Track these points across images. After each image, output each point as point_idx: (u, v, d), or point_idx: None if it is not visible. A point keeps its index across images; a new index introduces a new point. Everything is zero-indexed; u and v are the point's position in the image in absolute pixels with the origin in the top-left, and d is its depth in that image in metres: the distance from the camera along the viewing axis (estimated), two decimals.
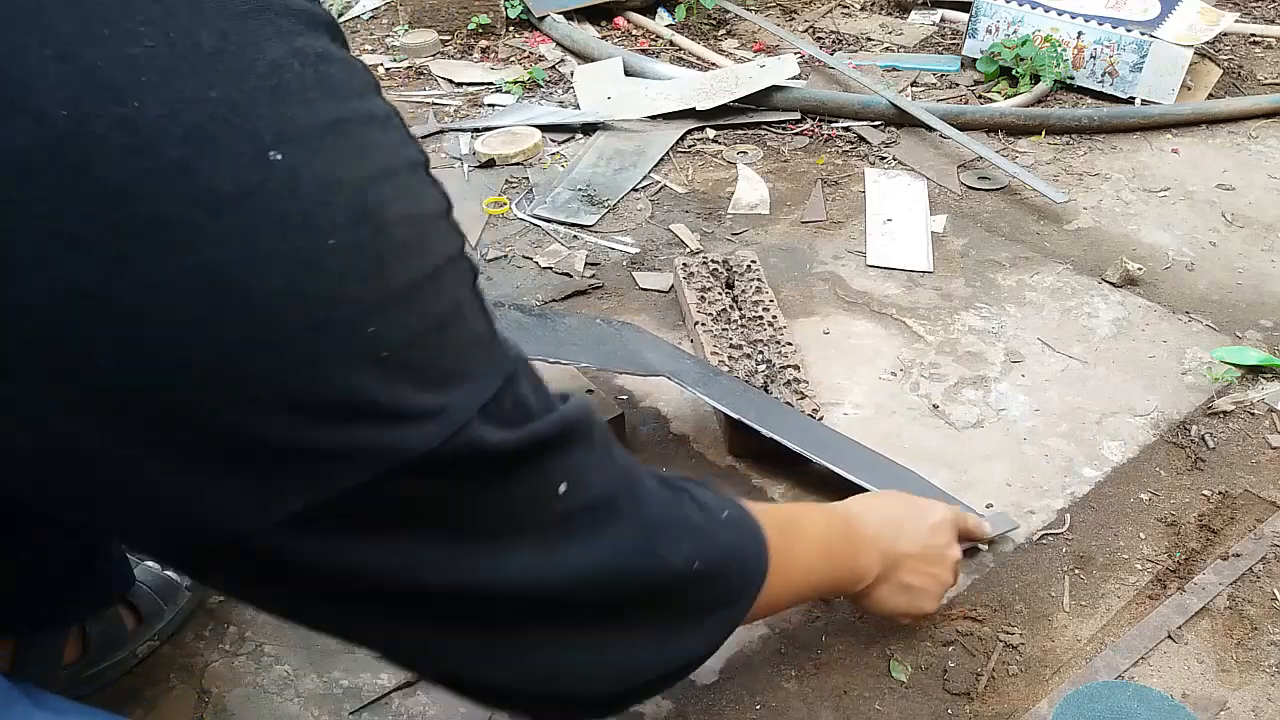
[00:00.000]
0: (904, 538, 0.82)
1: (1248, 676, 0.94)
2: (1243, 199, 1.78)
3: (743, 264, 1.47)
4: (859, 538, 0.78)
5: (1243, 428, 1.24)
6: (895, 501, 0.86)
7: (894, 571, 0.81)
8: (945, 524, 0.86)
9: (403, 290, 0.41)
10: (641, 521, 0.52)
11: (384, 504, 0.41)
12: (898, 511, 0.84)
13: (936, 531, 0.85)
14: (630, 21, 2.57)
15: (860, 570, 0.77)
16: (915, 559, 0.82)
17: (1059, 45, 2.14)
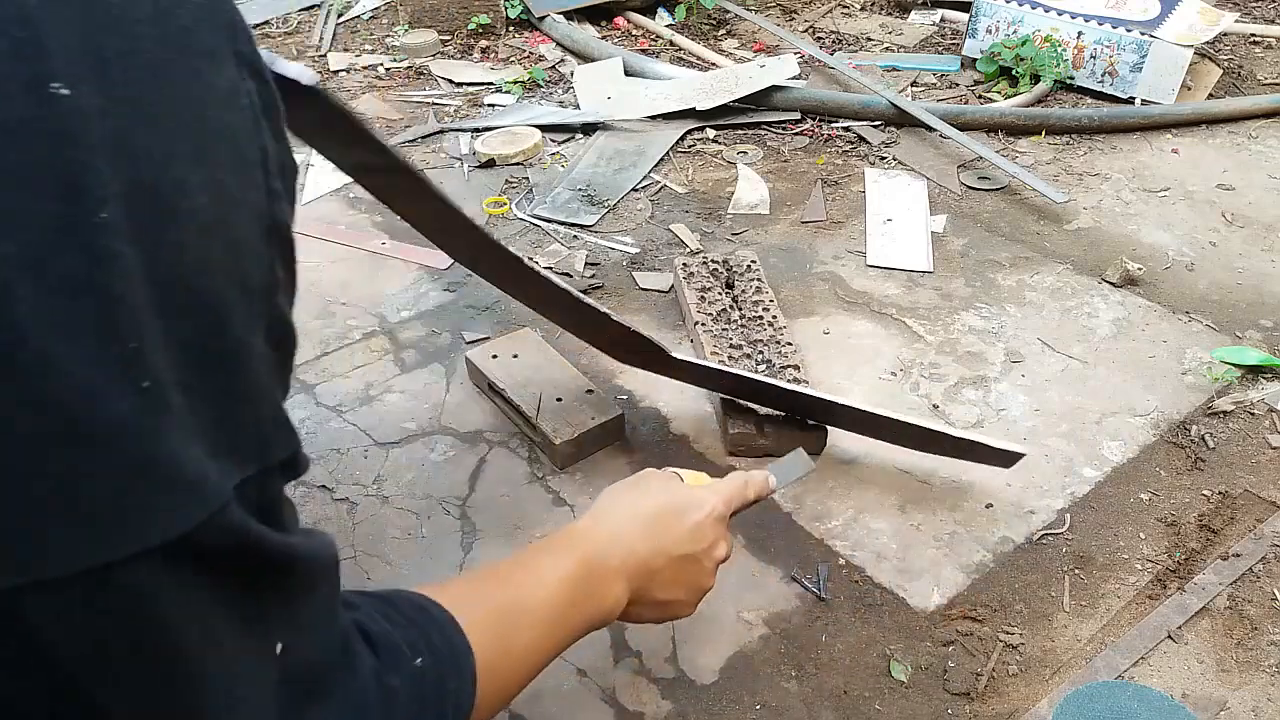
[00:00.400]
0: (657, 552, 0.72)
1: (1248, 676, 0.94)
2: (1243, 199, 1.78)
3: (743, 264, 1.47)
4: (602, 575, 0.68)
5: (1243, 428, 1.24)
6: (649, 506, 0.74)
7: (646, 590, 0.72)
8: (709, 521, 0.75)
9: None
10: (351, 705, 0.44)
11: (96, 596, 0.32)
12: (650, 521, 0.73)
13: (697, 534, 0.74)
14: (630, 21, 2.57)
15: (607, 608, 0.68)
16: (670, 572, 0.73)
17: (1059, 45, 2.14)
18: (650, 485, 0.77)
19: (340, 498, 1.14)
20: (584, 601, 0.66)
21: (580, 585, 0.66)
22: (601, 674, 0.94)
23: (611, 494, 0.76)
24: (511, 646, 0.58)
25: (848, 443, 1.21)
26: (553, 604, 0.63)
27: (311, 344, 1.40)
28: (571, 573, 0.66)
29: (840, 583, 1.03)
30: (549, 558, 0.66)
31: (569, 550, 0.68)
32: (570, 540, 0.69)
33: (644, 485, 0.77)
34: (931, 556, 1.06)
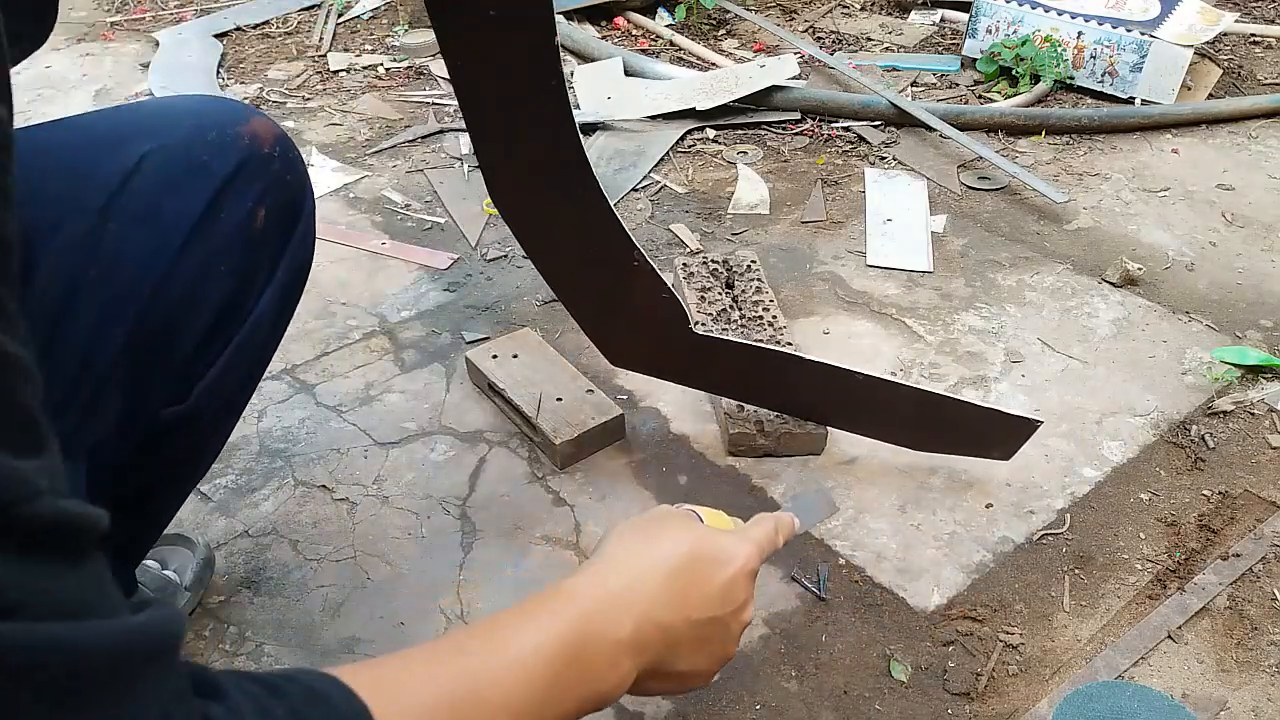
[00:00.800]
0: (679, 618, 0.58)
1: (1248, 676, 0.94)
2: (1243, 199, 1.78)
3: (742, 264, 1.47)
4: (603, 649, 0.54)
5: (1243, 428, 1.24)
6: (671, 559, 0.60)
7: (663, 662, 0.58)
8: (741, 577, 0.63)
9: None
10: None
11: None
12: (672, 578, 0.59)
13: (728, 594, 0.61)
14: (630, 21, 2.57)
15: (607, 689, 0.54)
16: (693, 640, 0.59)
17: (1059, 45, 2.14)
18: (670, 529, 0.62)
19: (340, 498, 1.14)
20: (574, 683, 0.52)
21: (571, 663, 0.52)
22: None
23: (621, 538, 0.61)
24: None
25: (848, 443, 1.21)
26: (528, 690, 0.49)
27: (311, 344, 1.40)
28: (560, 646, 0.51)
29: (840, 583, 1.03)
30: (531, 626, 0.52)
31: (560, 615, 0.53)
32: (564, 601, 0.54)
33: (662, 529, 0.62)
34: (931, 556, 1.06)
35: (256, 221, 0.70)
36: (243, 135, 0.69)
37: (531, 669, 0.49)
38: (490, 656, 0.49)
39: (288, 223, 0.73)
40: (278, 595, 1.02)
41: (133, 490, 0.76)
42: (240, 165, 0.69)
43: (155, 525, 0.86)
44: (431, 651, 0.48)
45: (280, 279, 0.74)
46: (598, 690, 0.53)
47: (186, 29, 2.47)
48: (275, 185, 0.71)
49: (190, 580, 0.99)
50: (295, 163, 0.74)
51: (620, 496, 1.13)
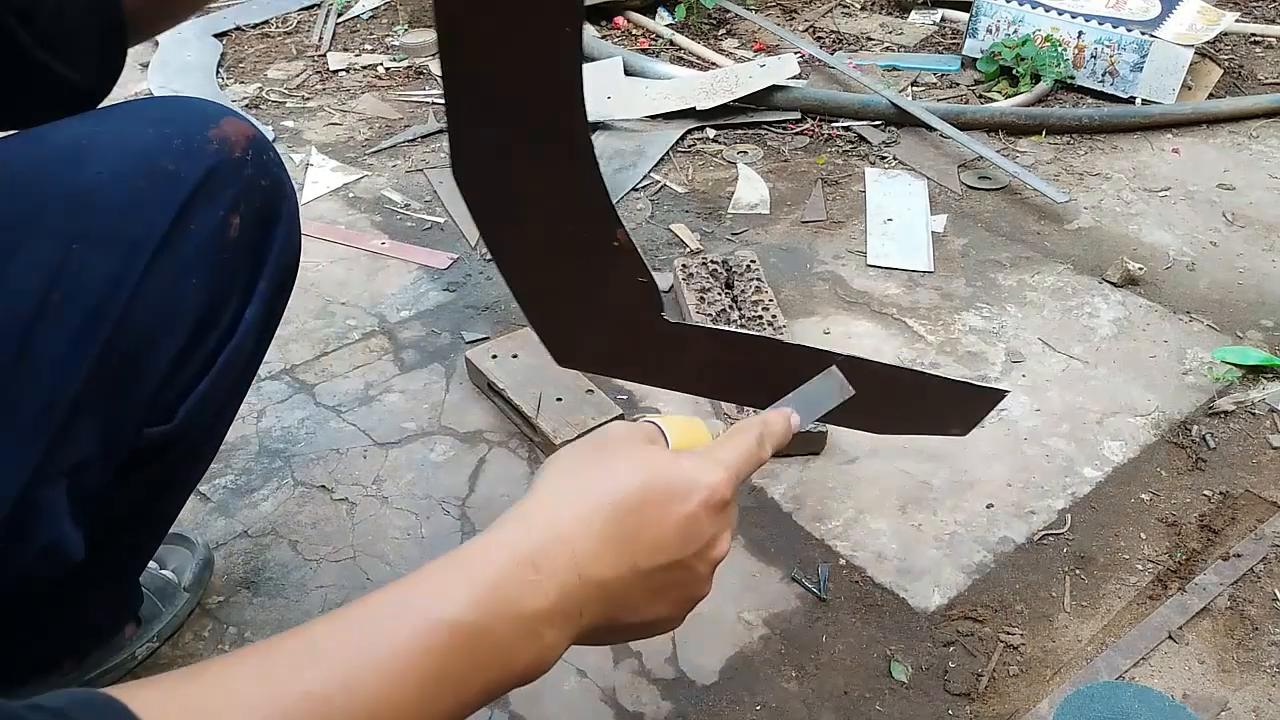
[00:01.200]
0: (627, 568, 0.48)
1: (1248, 677, 0.94)
2: (1243, 199, 1.78)
3: (742, 264, 1.47)
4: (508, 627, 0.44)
5: (1244, 428, 1.24)
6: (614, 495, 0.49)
7: (614, 617, 0.49)
8: (705, 512, 0.51)
9: None
10: None
11: None
12: (614, 521, 0.48)
13: (688, 532, 0.50)
14: (630, 21, 2.56)
15: (523, 668, 0.45)
16: (641, 593, 0.50)
17: (1059, 45, 2.14)
18: (616, 458, 0.51)
19: (340, 498, 1.14)
20: (472, 669, 0.42)
21: (465, 649, 0.42)
22: (601, 674, 0.93)
23: (556, 472, 0.51)
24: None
25: (849, 443, 1.21)
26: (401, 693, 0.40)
27: (311, 344, 1.40)
28: (447, 633, 0.42)
29: (841, 583, 1.03)
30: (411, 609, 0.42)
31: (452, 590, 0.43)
32: (461, 570, 0.45)
33: (607, 458, 0.51)
34: (932, 557, 1.06)
35: (230, 230, 0.67)
36: (211, 140, 0.66)
37: (406, 665, 0.40)
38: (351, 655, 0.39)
39: (266, 228, 0.70)
40: (277, 596, 1.02)
41: (126, 507, 0.75)
42: (209, 173, 0.65)
43: (153, 537, 0.86)
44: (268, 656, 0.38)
45: (264, 286, 0.71)
46: (510, 670, 0.45)
47: (186, 29, 2.47)
48: (248, 190, 0.68)
49: (189, 581, 0.99)
50: (270, 165, 0.70)
51: None
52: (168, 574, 0.99)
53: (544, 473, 0.52)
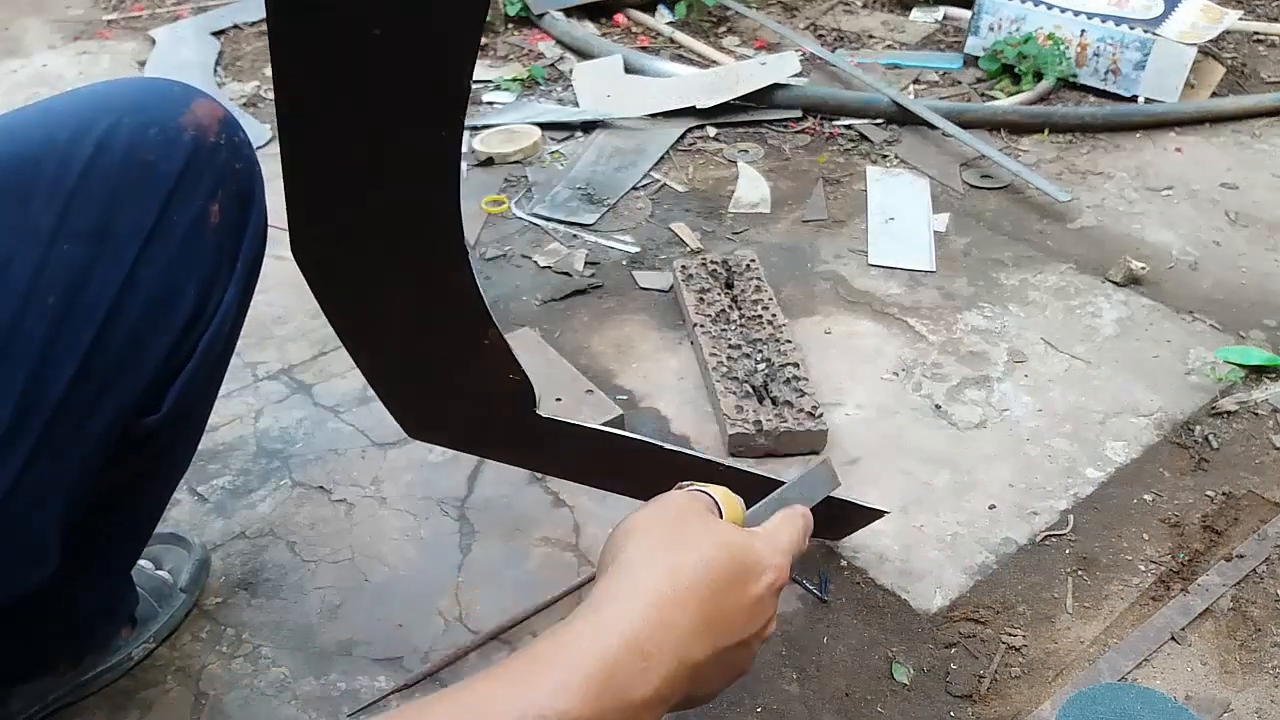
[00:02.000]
0: (709, 655, 0.49)
1: (1251, 678, 0.93)
2: (1247, 198, 1.77)
3: (742, 263, 1.46)
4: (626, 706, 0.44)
5: (1246, 428, 1.23)
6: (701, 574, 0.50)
7: (687, 696, 0.50)
8: (770, 594, 0.54)
9: None
10: None
11: None
12: (706, 602, 0.49)
13: (757, 613, 0.53)
14: (630, 18, 2.56)
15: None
16: (711, 671, 0.50)
17: (1062, 43, 2.13)
18: (694, 532, 0.52)
19: (338, 499, 1.13)
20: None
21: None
22: None
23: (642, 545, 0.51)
24: None
25: (850, 443, 1.21)
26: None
27: (309, 344, 1.39)
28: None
29: (842, 584, 1.03)
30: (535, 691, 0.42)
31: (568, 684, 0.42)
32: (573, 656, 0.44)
33: (685, 531, 0.52)
34: (934, 558, 1.06)
35: (211, 218, 0.67)
36: (185, 127, 0.65)
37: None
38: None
39: (242, 211, 0.70)
40: (275, 597, 1.01)
41: (112, 498, 0.75)
42: (188, 162, 0.65)
43: (141, 530, 0.85)
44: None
45: (240, 270, 0.71)
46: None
47: (183, 26, 2.46)
48: (226, 176, 0.67)
49: (185, 581, 0.98)
50: (241, 146, 0.69)
51: (620, 497, 1.12)
52: (163, 574, 0.98)
53: (626, 546, 0.51)
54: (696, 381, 1.31)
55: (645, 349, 1.38)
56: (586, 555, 1.06)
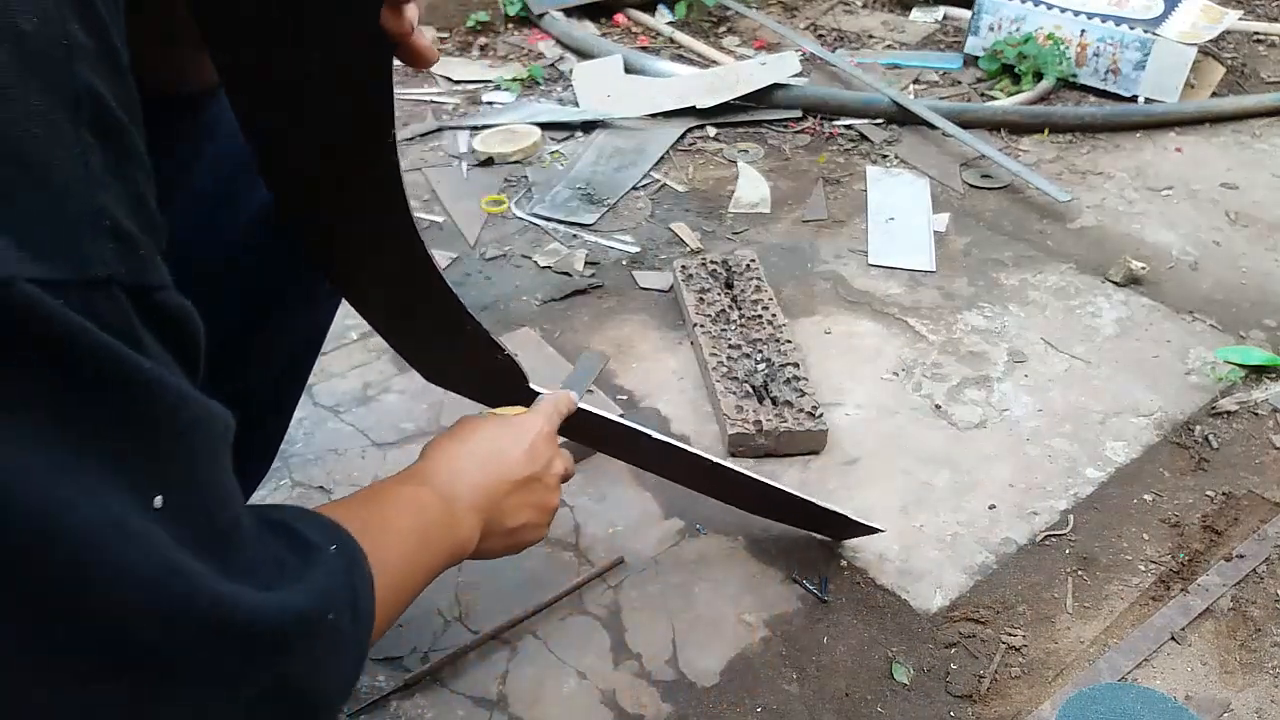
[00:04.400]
0: (499, 482, 0.72)
1: (1251, 678, 0.93)
2: (1247, 198, 1.77)
3: (741, 263, 1.46)
4: (454, 510, 0.67)
5: (1246, 428, 1.23)
6: (483, 440, 0.74)
7: (496, 521, 0.71)
8: (541, 440, 0.76)
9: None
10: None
11: None
12: (487, 451, 0.73)
13: (533, 455, 0.75)
14: (630, 18, 2.56)
15: (462, 543, 0.67)
16: (515, 499, 0.73)
17: (1062, 43, 2.13)
18: (473, 425, 0.76)
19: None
20: (441, 532, 0.65)
21: (435, 515, 0.65)
22: (601, 676, 0.93)
23: (436, 444, 0.74)
24: (383, 563, 0.54)
25: (850, 443, 1.21)
26: (415, 528, 0.62)
27: None
28: (426, 500, 0.65)
29: (842, 584, 1.03)
30: (404, 487, 0.66)
31: (420, 482, 0.67)
32: (418, 475, 0.68)
33: (466, 427, 0.75)
34: (934, 558, 1.06)
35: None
36: None
37: (414, 515, 0.63)
38: (385, 505, 0.63)
39: None
40: None
41: None
42: None
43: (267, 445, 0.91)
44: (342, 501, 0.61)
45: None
46: (456, 540, 0.67)
47: None
48: None
49: None
50: None
51: (620, 497, 1.13)
52: None
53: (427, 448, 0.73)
54: (696, 381, 1.31)
55: (645, 349, 1.38)
56: (586, 555, 1.06)
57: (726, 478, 1.00)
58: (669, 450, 0.97)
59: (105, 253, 0.34)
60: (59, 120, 0.33)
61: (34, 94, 0.32)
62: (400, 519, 0.62)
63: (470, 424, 0.76)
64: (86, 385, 0.33)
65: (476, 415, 0.78)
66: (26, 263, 0.31)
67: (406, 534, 0.61)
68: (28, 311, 0.31)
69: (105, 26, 0.35)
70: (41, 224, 0.32)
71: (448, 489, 0.68)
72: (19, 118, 0.32)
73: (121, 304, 0.34)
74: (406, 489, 0.66)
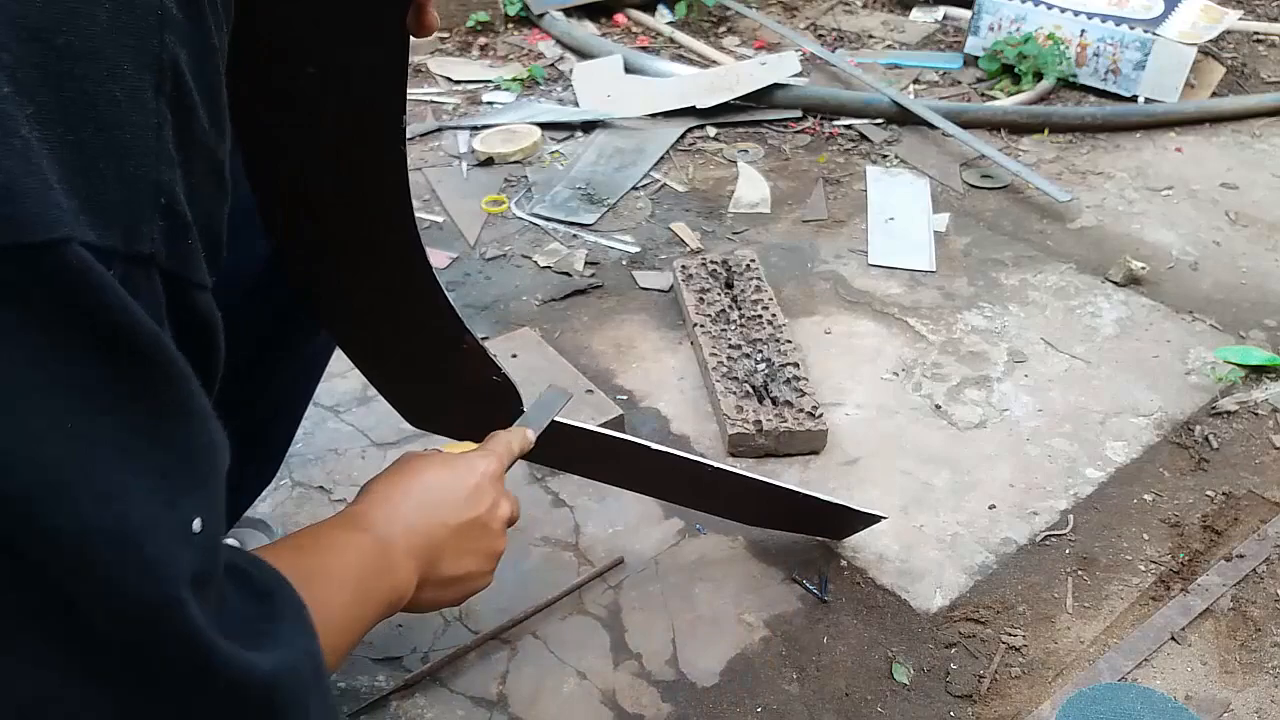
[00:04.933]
0: (438, 526, 0.67)
1: (1251, 678, 0.93)
2: (1246, 198, 1.77)
3: (742, 263, 1.46)
4: (391, 557, 0.62)
5: (1246, 428, 1.23)
6: (423, 480, 0.68)
7: (434, 570, 0.66)
8: (486, 481, 0.71)
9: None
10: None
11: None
12: (427, 493, 0.68)
13: (477, 497, 0.69)
14: (630, 18, 2.56)
15: (399, 591, 0.62)
16: (455, 545, 0.68)
17: (1062, 43, 2.13)
18: (413, 464, 0.70)
19: (338, 499, 1.13)
20: (379, 578, 0.61)
21: (373, 560, 0.61)
22: (601, 676, 0.93)
23: (373, 484, 0.69)
24: (326, 619, 0.50)
25: (850, 443, 1.21)
26: (353, 575, 0.58)
27: None
28: (363, 546, 0.61)
29: (842, 584, 1.03)
30: (340, 532, 0.62)
31: (355, 526, 0.63)
32: (353, 520, 0.64)
33: (406, 466, 0.70)
34: (934, 558, 1.06)
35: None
36: None
37: (351, 561, 0.59)
38: (322, 550, 0.59)
39: None
40: None
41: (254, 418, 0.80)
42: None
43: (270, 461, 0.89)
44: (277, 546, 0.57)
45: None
46: (394, 587, 0.62)
47: None
48: None
49: None
50: None
51: (620, 498, 1.13)
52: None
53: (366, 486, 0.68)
54: (696, 381, 1.31)
55: (645, 349, 1.38)
56: (586, 555, 1.06)
57: (729, 484, 0.99)
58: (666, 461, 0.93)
59: (154, 230, 0.33)
60: (142, 86, 0.32)
61: (124, 57, 0.32)
62: (340, 569, 0.58)
63: (411, 462, 0.70)
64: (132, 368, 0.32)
65: (420, 452, 0.73)
66: (84, 226, 0.30)
67: (345, 584, 0.57)
68: (85, 278, 0.30)
69: (202, 7, 0.35)
70: (105, 188, 0.31)
71: (384, 532, 0.63)
72: (103, 78, 0.31)
73: (156, 288, 0.34)
74: (342, 534, 0.61)
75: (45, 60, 0.30)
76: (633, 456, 0.93)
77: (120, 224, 0.32)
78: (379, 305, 0.75)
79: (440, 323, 0.75)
